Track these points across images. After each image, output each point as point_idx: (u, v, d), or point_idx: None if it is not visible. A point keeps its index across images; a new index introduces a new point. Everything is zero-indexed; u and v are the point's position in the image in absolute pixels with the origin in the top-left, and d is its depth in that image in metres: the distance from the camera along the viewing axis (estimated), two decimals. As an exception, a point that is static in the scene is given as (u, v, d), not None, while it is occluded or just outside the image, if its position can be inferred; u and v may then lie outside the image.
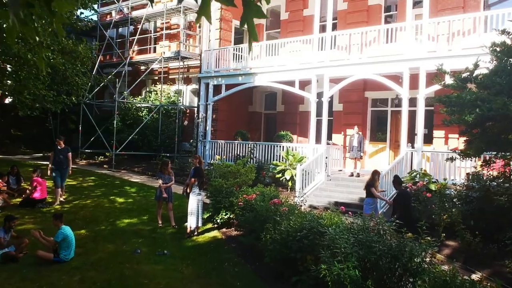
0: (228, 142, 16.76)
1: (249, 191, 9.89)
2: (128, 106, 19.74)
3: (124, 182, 14.97)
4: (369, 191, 9.71)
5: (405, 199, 9.09)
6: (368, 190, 9.73)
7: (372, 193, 9.67)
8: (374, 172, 9.95)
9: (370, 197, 9.75)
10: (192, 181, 9.60)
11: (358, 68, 13.35)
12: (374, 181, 9.81)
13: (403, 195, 9.15)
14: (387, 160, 15.15)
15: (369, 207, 9.68)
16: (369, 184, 9.76)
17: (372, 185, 9.75)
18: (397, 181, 9.31)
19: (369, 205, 9.72)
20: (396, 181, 9.33)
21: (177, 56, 18.25)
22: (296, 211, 8.44)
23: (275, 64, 15.57)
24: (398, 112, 15.24)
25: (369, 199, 9.76)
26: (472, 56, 10.50)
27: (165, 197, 10.18)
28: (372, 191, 9.66)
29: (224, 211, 10.01)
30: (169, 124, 18.76)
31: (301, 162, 13.85)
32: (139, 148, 18.98)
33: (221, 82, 17.05)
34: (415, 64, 12.11)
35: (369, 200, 9.76)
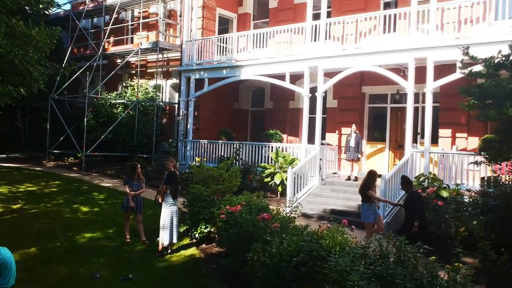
0: (211, 142, 15.18)
1: (233, 200, 8.35)
2: (101, 102, 17.98)
3: (92, 187, 13.28)
4: (366, 195, 8.27)
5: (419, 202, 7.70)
6: (365, 194, 8.29)
7: (369, 197, 8.23)
8: (371, 172, 8.50)
9: (367, 201, 8.31)
10: (163, 188, 8.03)
11: (356, 59, 11.91)
12: (371, 182, 8.36)
13: (415, 197, 7.75)
14: (386, 162, 13.77)
15: (368, 214, 8.25)
16: (365, 186, 8.31)
17: (369, 187, 8.30)
18: (407, 182, 7.88)
19: (367, 211, 8.29)
20: (406, 181, 7.90)
21: (155, 47, 16.58)
22: (290, 226, 6.96)
23: (263, 56, 14.05)
24: (399, 109, 13.88)
25: (366, 204, 8.33)
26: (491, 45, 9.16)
27: (132, 207, 8.58)
28: (370, 193, 8.22)
29: (203, 224, 8.45)
30: (147, 122, 17.09)
31: (292, 164, 12.36)
32: (114, 149, 17.27)
33: (203, 76, 15.46)
34: (422, 54, 10.71)
35: (365, 206, 8.34)
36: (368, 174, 8.47)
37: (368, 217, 8.27)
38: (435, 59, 10.56)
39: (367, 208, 8.26)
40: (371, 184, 8.28)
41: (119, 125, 16.81)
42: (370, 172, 8.52)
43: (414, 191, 7.94)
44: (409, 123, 10.97)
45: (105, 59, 19.40)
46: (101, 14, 19.38)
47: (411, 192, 7.75)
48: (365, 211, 8.32)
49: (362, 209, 8.41)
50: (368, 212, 8.28)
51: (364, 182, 8.41)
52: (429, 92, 10.64)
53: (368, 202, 8.28)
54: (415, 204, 7.49)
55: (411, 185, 7.86)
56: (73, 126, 17.60)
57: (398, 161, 13.75)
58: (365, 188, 8.29)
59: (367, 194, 8.22)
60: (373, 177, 8.40)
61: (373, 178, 8.39)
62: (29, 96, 17.47)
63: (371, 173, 8.50)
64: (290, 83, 13.25)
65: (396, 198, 10.42)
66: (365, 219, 8.33)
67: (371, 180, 8.37)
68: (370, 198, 8.27)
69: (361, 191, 8.38)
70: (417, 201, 7.59)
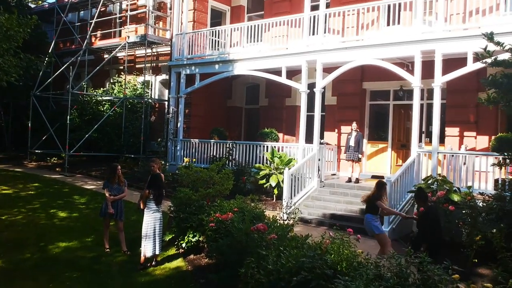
0: (202, 142, 14.30)
1: (225, 206, 7.49)
2: (87, 99, 17.00)
3: (74, 190, 12.33)
4: (373, 206, 7.32)
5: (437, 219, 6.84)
6: (372, 205, 7.35)
7: (375, 208, 7.31)
8: (380, 185, 7.49)
9: (371, 213, 7.37)
10: (146, 193, 7.15)
11: (358, 52, 11.08)
12: (380, 195, 7.45)
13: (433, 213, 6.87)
14: (388, 163, 12.96)
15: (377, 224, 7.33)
16: (374, 196, 7.38)
17: (378, 196, 7.38)
18: (422, 197, 6.95)
19: (375, 222, 7.35)
20: (421, 196, 6.96)
21: (143, 41, 15.65)
22: (288, 236, 6.13)
23: (258, 51, 13.18)
24: (402, 106, 13.09)
25: (370, 216, 7.38)
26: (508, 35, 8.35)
27: (111, 213, 7.69)
28: (380, 204, 7.29)
29: (191, 232, 7.58)
30: (135, 120, 16.15)
31: (289, 165, 11.52)
32: (100, 149, 16.32)
33: (194, 71, 14.57)
34: (429, 46, 9.90)
35: (372, 216, 7.38)
36: (377, 186, 7.46)
37: (377, 227, 7.25)
38: (443, 52, 9.75)
39: (374, 218, 7.33)
40: (380, 195, 7.37)
41: (105, 123, 15.86)
42: (379, 184, 7.52)
43: (430, 206, 7.02)
44: (416, 121, 10.16)
45: (91, 54, 18.43)
46: (87, 7, 18.39)
47: (427, 207, 6.81)
48: (374, 221, 7.33)
49: (367, 221, 7.40)
50: (376, 222, 7.32)
51: (373, 193, 7.42)
52: (437, 88, 9.84)
53: (373, 213, 7.35)
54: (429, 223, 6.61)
55: (426, 199, 6.93)
56: (57, 125, 16.60)
57: (401, 162, 12.99)
58: (373, 197, 7.31)
59: (375, 205, 7.28)
60: (383, 188, 7.48)
61: (383, 189, 7.48)
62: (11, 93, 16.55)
63: (381, 186, 7.50)
64: (286, 78, 12.40)
65: (401, 203, 9.62)
66: (376, 231, 7.29)
67: (381, 191, 7.44)
68: (377, 210, 7.35)
69: (368, 200, 7.39)
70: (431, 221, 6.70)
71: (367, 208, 7.50)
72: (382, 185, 7.53)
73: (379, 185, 7.54)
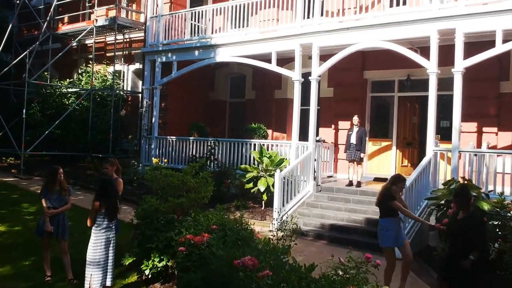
0: (180, 139, 12.50)
1: (201, 220, 5.72)
2: (49, 91, 14.98)
3: (25, 196, 10.40)
4: (389, 207, 5.73)
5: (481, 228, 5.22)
6: (387, 205, 5.75)
7: (391, 210, 5.71)
8: (396, 177, 5.97)
9: (388, 216, 5.76)
10: (95, 205, 5.34)
11: (361, 34, 9.43)
12: (396, 189, 5.83)
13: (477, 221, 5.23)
14: (393, 163, 11.35)
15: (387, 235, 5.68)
16: (388, 194, 5.76)
17: (393, 195, 5.75)
18: (467, 198, 5.29)
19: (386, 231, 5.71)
20: (464, 194, 5.28)
21: (113, 24, 13.74)
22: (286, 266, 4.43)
23: (244, 33, 11.43)
24: (408, 98, 11.52)
25: (386, 221, 5.76)
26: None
27: (50, 232, 5.85)
28: (395, 205, 5.67)
29: (157, 255, 5.79)
30: (104, 115, 14.21)
31: (280, 166, 9.82)
32: (65, 147, 14.37)
33: (171, 58, 12.74)
34: (449, 23, 8.31)
35: (385, 222, 5.76)
36: (392, 179, 5.93)
37: (387, 239, 5.66)
38: (466, 31, 8.16)
39: (387, 226, 5.69)
40: (396, 192, 5.76)
41: (69, 118, 13.91)
42: (395, 177, 5.99)
43: (473, 212, 5.39)
44: (432, 115, 8.59)
45: (58, 41, 16.41)
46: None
47: (471, 213, 5.18)
48: (384, 230, 5.71)
49: (379, 228, 5.83)
50: (387, 232, 5.68)
51: (386, 189, 5.84)
52: (458, 74, 8.26)
53: (389, 217, 5.75)
54: (476, 230, 4.98)
55: (470, 202, 5.30)
56: (15, 120, 14.57)
57: (406, 162, 11.43)
58: (386, 197, 5.74)
59: (390, 206, 5.68)
60: (399, 183, 5.88)
61: (399, 185, 5.88)
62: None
63: (397, 178, 5.97)
64: (277, 66, 10.69)
65: (416, 212, 8.00)
66: (383, 243, 5.73)
67: (397, 187, 5.85)
68: (394, 212, 5.75)
69: (380, 201, 5.84)
70: (479, 227, 5.09)
71: (381, 210, 5.89)
72: (397, 179, 5.89)
73: (393, 179, 5.92)
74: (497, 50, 7.79)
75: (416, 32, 8.77)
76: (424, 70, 10.29)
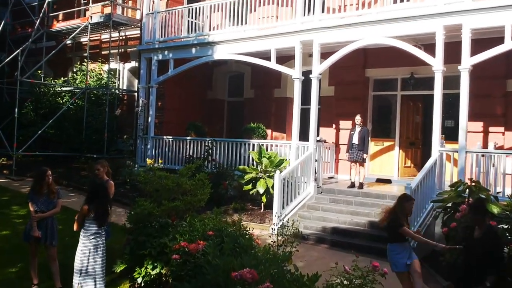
0: (177, 139, 12.17)
1: (196, 225, 5.39)
2: (43, 90, 14.61)
3: (16, 198, 10.06)
4: (397, 234, 5.32)
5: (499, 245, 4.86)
6: (393, 232, 5.36)
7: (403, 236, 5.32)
8: (403, 199, 5.49)
9: (399, 242, 5.35)
10: (83, 209, 5.01)
11: (364, 30, 9.11)
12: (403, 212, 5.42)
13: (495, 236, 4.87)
14: (395, 164, 11.04)
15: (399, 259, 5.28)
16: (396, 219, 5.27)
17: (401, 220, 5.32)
18: (484, 210, 4.94)
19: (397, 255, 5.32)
20: (482, 210, 4.94)
21: (108, 21, 13.39)
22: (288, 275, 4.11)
23: (243, 30, 11.10)
24: (412, 97, 11.22)
25: (395, 246, 5.36)
26: None
27: (37, 237, 5.52)
28: (406, 232, 5.22)
29: (150, 262, 5.46)
30: (100, 114, 13.86)
31: (280, 167, 9.50)
32: (58, 147, 14.02)
33: (168, 56, 12.40)
34: (455, 19, 8.00)
35: (395, 247, 5.35)
36: (400, 200, 5.44)
37: (400, 264, 5.24)
38: (473, 26, 7.85)
39: (398, 250, 5.30)
40: (403, 215, 5.37)
41: (63, 117, 13.56)
42: (402, 198, 5.51)
43: (491, 225, 4.99)
44: (437, 113, 8.27)
45: (52, 39, 16.05)
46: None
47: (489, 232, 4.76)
48: (395, 254, 5.27)
49: (390, 252, 5.35)
50: (399, 256, 5.26)
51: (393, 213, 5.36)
52: (465, 72, 7.95)
53: (399, 242, 5.35)
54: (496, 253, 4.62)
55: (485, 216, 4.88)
56: (7, 120, 14.21)
57: (409, 163, 11.13)
58: (395, 222, 5.25)
59: (397, 233, 5.29)
60: (407, 203, 5.47)
61: (407, 204, 5.47)
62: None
63: (403, 198, 5.50)
64: (276, 63, 10.37)
65: (421, 215, 7.70)
66: (396, 268, 5.26)
67: (404, 209, 5.43)
68: (403, 237, 5.35)
69: (389, 227, 5.36)
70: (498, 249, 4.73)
71: (388, 236, 5.49)
72: (404, 201, 5.47)
73: (401, 199, 5.51)
74: (506, 47, 7.49)
75: (421, 28, 8.45)
76: (428, 68, 9.99)
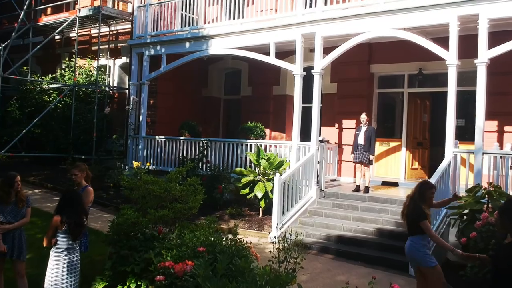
0: (170, 139, 11.47)
1: (186, 238, 4.69)
2: (29, 87, 13.87)
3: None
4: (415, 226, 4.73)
5: None
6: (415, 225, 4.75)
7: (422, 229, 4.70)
8: (424, 186, 4.87)
9: (417, 234, 4.76)
10: (54, 220, 4.31)
11: (371, 21, 8.43)
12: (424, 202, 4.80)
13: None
14: (402, 166, 10.40)
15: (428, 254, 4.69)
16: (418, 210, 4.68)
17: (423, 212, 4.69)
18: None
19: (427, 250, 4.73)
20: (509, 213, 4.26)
21: (97, 14, 12.66)
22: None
23: (240, 23, 10.40)
24: (419, 95, 10.58)
25: (417, 239, 4.76)
26: None
27: (2, 251, 4.79)
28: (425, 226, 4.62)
29: (133, 281, 4.77)
30: (88, 112, 13.13)
31: (280, 169, 8.81)
32: (46, 147, 13.29)
33: (160, 51, 11.69)
34: (470, 9, 7.34)
35: (421, 241, 4.75)
36: (419, 188, 4.87)
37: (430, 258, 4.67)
38: (491, 16, 7.19)
39: (423, 243, 4.71)
40: (425, 206, 4.75)
41: (50, 116, 12.83)
42: (422, 184, 4.91)
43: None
44: (451, 111, 7.57)
45: (40, 34, 15.28)
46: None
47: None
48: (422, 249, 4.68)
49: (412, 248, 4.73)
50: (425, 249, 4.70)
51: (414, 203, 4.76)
52: (482, 66, 7.28)
53: (421, 234, 4.74)
54: None
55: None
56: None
57: (416, 164, 10.47)
58: (416, 212, 4.69)
59: (420, 227, 4.68)
60: (429, 191, 4.85)
61: (428, 193, 4.84)
62: None
63: (424, 185, 4.91)
64: (276, 58, 9.69)
65: (435, 222, 7.02)
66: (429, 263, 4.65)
67: (424, 198, 4.82)
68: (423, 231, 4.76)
69: (410, 220, 4.79)
70: None
71: (409, 228, 4.85)
72: (424, 187, 4.85)
73: (421, 187, 4.86)
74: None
75: (434, 19, 7.78)
76: (437, 64, 9.40)
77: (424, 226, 4.66)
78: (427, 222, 4.65)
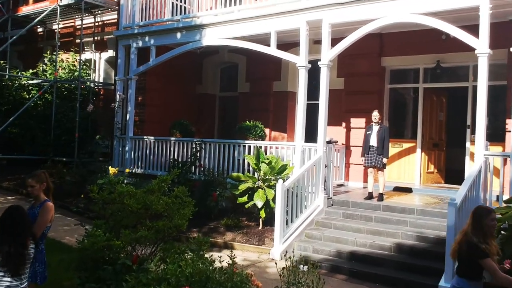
0: (159, 140, 10.38)
1: (170, 270, 3.63)
2: (6, 83, 12.71)
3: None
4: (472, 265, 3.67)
5: None
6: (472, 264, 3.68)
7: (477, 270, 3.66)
8: (480, 214, 3.77)
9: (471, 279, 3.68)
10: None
11: (385, 6, 7.38)
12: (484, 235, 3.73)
13: None
14: (417, 169, 9.38)
15: None
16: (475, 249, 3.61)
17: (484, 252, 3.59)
18: None
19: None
20: None
21: (80, 2, 11.55)
22: None
23: (237, 10, 9.33)
24: (436, 90, 9.57)
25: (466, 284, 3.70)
26: None
27: None
28: (488, 264, 3.60)
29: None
30: (71, 111, 12.01)
31: (282, 174, 7.75)
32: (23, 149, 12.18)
33: (149, 42, 10.61)
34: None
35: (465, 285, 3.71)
36: (475, 217, 3.73)
37: None
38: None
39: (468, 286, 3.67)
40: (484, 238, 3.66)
41: (28, 115, 11.71)
42: (477, 213, 3.78)
43: None
44: (482, 109, 6.51)
45: (21, 26, 14.10)
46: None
47: None
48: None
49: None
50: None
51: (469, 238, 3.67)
52: None
53: (471, 279, 3.67)
54: None
55: None
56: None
57: (432, 168, 9.49)
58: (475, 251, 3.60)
59: (477, 265, 3.60)
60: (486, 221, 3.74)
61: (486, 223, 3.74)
62: None
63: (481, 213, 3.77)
64: (277, 49, 8.64)
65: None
66: None
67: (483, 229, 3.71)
68: (480, 274, 3.68)
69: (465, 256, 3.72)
70: None
71: (461, 266, 3.79)
72: (483, 217, 3.73)
73: (476, 217, 3.77)
74: None
75: (461, 2, 6.75)
76: (456, 56, 8.52)
77: (487, 266, 3.56)
78: (490, 261, 3.56)
